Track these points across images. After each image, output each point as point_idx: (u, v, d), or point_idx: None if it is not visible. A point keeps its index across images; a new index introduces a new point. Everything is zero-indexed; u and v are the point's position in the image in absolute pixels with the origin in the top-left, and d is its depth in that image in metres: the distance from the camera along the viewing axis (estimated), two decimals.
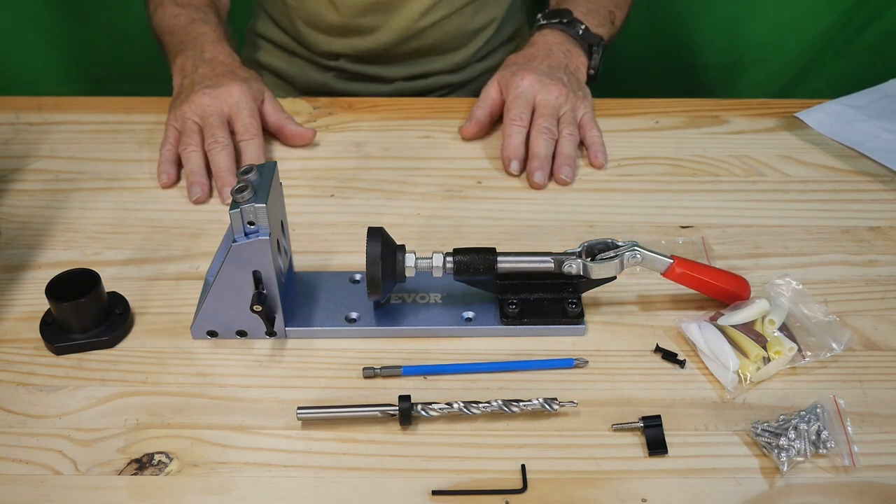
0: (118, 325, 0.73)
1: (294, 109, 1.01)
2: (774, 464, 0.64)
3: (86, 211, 0.87)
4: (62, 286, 0.71)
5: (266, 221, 0.67)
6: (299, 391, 0.70)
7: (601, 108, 1.01)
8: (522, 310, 0.74)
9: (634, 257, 0.72)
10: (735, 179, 0.92)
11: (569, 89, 0.96)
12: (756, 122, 1.01)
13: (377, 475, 0.64)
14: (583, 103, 0.97)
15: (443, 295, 0.77)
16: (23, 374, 0.71)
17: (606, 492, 0.63)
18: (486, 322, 0.75)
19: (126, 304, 0.75)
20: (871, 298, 0.78)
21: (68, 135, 0.96)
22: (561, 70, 0.98)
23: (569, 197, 0.90)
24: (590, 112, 0.98)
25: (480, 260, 0.72)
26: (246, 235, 0.67)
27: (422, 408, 0.66)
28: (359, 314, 0.75)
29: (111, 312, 0.74)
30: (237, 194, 0.66)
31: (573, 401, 0.67)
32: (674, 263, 0.73)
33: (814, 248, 0.84)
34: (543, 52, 1.00)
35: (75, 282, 0.72)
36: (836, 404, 0.67)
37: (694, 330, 0.73)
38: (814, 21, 1.33)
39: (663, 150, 0.97)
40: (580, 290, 0.75)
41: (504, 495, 0.63)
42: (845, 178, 0.93)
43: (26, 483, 0.63)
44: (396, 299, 0.76)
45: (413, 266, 0.72)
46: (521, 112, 0.94)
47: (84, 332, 0.72)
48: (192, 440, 0.66)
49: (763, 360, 0.70)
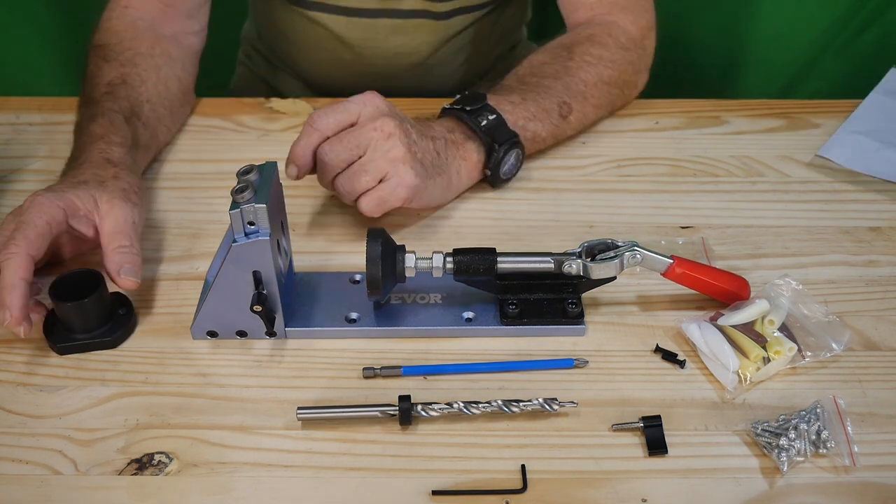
0: (121, 326, 0.73)
1: (294, 110, 1.01)
2: (774, 464, 0.64)
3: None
4: (66, 286, 0.71)
5: (266, 221, 0.67)
6: (299, 391, 0.70)
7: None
8: (522, 310, 0.74)
9: (634, 257, 0.72)
10: (735, 180, 0.92)
11: (407, 139, 0.78)
12: (756, 123, 1.01)
13: (377, 475, 0.64)
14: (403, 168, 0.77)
15: (443, 295, 0.77)
16: (23, 374, 0.71)
17: (606, 492, 0.63)
18: (486, 322, 0.74)
19: (130, 305, 0.75)
20: (871, 298, 0.78)
21: (68, 135, 0.95)
22: (419, 135, 0.80)
23: (569, 197, 0.90)
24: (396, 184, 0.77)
25: (480, 260, 0.72)
26: (246, 235, 0.67)
27: (422, 408, 0.66)
28: (359, 314, 0.75)
29: (115, 312, 0.74)
30: (237, 194, 0.66)
31: (573, 401, 0.67)
32: (674, 263, 0.73)
33: (814, 248, 0.84)
34: (422, 123, 0.84)
35: (79, 282, 0.71)
36: (835, 404, 0.67)
37: (694, 330, 0.73)
38: (814, 21, 1.33)
39: (663, 150, 0.97)
40: (580, 290, 0.75)
41: (504, 495, 0.63)
42: (845, 178, 0.93)
43: (26, 483, 0.63)
44: (396, 299, 0.76)
45: (413, 266, 0.72)
46: (328, 115, 0.78)
47: (87, 332, 0.72)
48: (192, 440, 0.66)
49: (763, 361, 0.70)
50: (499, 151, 0.85)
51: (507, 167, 0.87)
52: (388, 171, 0.77)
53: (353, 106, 0.79)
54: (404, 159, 0.77)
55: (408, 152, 0.77)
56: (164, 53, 0.94)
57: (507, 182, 0.90)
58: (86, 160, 0.81)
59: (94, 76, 0.91)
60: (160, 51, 0.94)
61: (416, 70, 1.12)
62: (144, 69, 0.92)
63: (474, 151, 0.85)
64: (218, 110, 1.01)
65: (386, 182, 0.78)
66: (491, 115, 0.85)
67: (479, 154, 0.86)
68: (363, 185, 0.78)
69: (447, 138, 0.84)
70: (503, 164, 0.87)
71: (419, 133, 0.81)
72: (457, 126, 0.86)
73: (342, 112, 0.78)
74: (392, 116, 0.79)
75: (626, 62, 0.98)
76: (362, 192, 0.78)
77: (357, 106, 0.79)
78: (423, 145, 0.80)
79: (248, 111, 1.01)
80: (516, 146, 0.86)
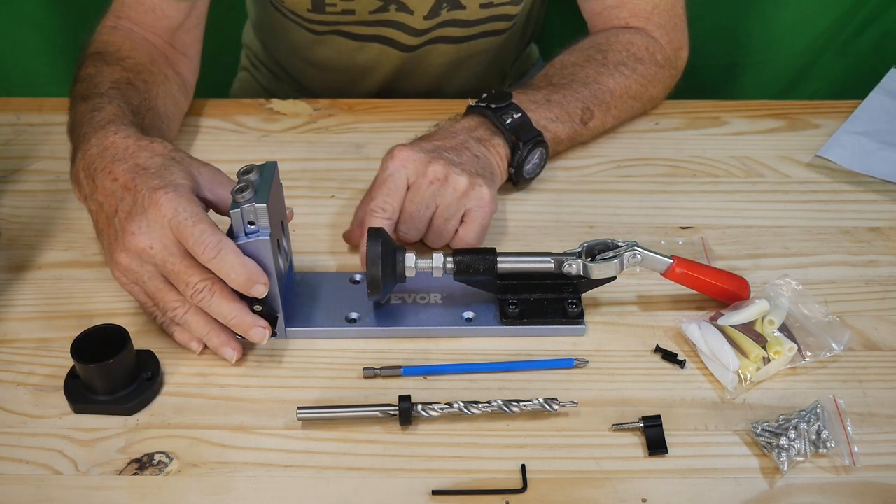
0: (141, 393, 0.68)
1: (294, 111, 1.01)
2: (774, 464, 0.64)
3: (86, 212, 0.87)
4: (89, 342, 0.67)
5: (266, 221, 0.67)
6: (299, 391, 0.70)
7: None
8: (522, 310, 0.74)
9: (634, 257, 0.72)
10: (735, 180, 0.92)
11: (456, 166, 0.78)
12: (756, 124, 1.01)
13: (377, 475, 0.64)
14: (475, 192, 0.77)
15: (443, 295, 0.77)
16: (23, 374, 0.71)
17: (606, 492, 0.63)
18: (486, 322, 0.75)
19: (156, 365, 0.70)
20: (871, 298, 0.78)
21: None
22: (454, 151, 0.80)
23: (569, 197, 0.90)
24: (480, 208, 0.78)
25: (480, 260, 0.72)
26: (246, 235, 0.67)
27: (422, 408, 0.66)
28: (359, 314, 0.75)
29: (138, 375, 0.69)
30: (237, 194, 0.66)
31: (573, 401, 0.67)
32: (674, 263, 0.73)
33: (814, 248, 0.84)
34: (443, 134, 0.83)
35: (103, 338, 0.67)
36: (835, 404, 0.67)
37: (694, 330, 0.73)
38: (814, 21, 1.32)
39: (663, 150, 0.97)
40: (580, 290, 0.75)
41: (504, 495, 0.63)
42: (845, 178, 0.93)
43: (26, 483, 0.63)
44: (396, 299, 0.76)
45: (413, 266, 0.72)
46: (386, 200, 0.76)
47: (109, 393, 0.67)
48: (192, 440, 0.66)
49: (763, 361, 0.70)
50: (523, 149, 0.84)
51: (530, 165, 0.87)
52: (466, 204, 0.77)
53: (397, 178, 0.77)
54: (471, 185, 0.77)
55: (468, 177, 0.77)
56: (161, 72, 0.92)
57: (530, 181, 0.90)
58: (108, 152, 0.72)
59: (95, 76, 0.85)
60: (158, 69, 0.91)
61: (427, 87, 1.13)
62: (146, 79, 0.88)
63: (501, 146, 0.85)
64: (218, 111, 1.01)
65: (472, 212, 0.78)
66: (516, 114, 0.85)
67: (505, 149, 0.85)
68: (452, 229, 0.79)
69: (473, 137, 0.84)
70: (527, 163, 0.86)
71: (454, 151, 0.80)
72: (481, 123, 0.85)
73: (396, 191, 0.76)
74: (432, 159, 0.77)
75: (658, 79, 0.98)
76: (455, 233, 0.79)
77: (400, 175, 0.77)
78: (466, 158, 0.80)
79: (248, 112, 1.01)
80: (540, 145, 0.86)
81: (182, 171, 0.70)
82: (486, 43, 1.08)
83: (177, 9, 0.93)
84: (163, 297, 0.69)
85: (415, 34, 1.04)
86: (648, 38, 0.99)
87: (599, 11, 1.01)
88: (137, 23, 0.93)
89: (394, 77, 1.11)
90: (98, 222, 0.72)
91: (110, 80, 0.84)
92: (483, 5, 1.02)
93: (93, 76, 0.85)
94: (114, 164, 0.70)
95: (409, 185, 0.77)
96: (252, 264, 0.67)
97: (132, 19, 0.93)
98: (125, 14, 0.93)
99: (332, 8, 1.01)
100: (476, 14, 1.03)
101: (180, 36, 0.95)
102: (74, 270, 0.81)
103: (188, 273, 0.66)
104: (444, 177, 0.77)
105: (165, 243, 0.66)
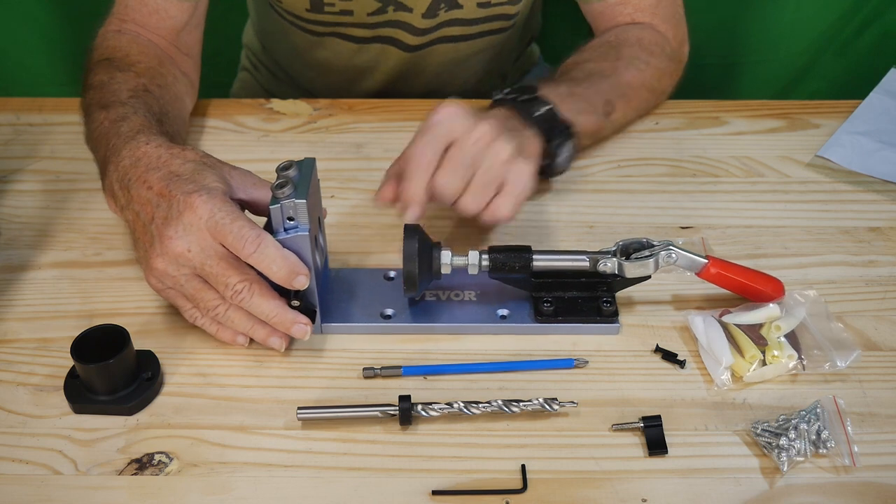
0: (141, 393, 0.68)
1: (294, 111, 1.01)
2: (774, 464, 0.64)
3: (86, 211, 0.87)
4: (89, 342, 0.67)
5: (306, 217, 0.67)
6: (299, 391, 0.70)
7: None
8: (557, 308, 0.74)
9: (669, 257, 0.72)
10: (735, 180, 0.92)
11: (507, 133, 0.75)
12: (756, 123, 1.01)
13: (377, 475, 0.64)
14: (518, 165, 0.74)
15: (477, 293, 0.77)
16: (23, 374, 0.71)
17: (606, 492, 0.63)
18: (520, 320, 0.75)
19: (156, 365, 0.70)
20: (871, 299, 0.78)
21: (69, 136, 0.96)
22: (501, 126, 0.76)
23: (569, 198, 0.90)
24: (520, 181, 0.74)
25: (516, 258, 0.72)
26: (285, 231, 0.68)
27: (422, 408, 0.66)
28: (394, 311, 0.75)
29: (138, 375, 0.69)
30: (277, 190, 0.66)
31: (573, 401, 0.67)
32: (709, 263, 0.73)
33: (814, 248, 0.84)
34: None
35: (103, 339, 0.67)
36: (835, 404, 0.67)
37: (698, 323, 0.73)
38: (814, 21, 1.33)
39: (663, 150, 0.97)
40: (614, 288, 0.75)
41: (504, 495, 0.63)
42: (845, 178, 0.93)
43: (26, 483, 0.63)
44: (431, 296, 0.76)
45: (449, 263, 0.72)
46: (425, 148, 0.72)
47: (109, 393, 0.67)
48: (192, 440, 0.66)
49: (759, 362, 0.70)
50: (556, 141, 0.82)
51: (561, 158, 0.84)
52: (506, 174, 0.73)
53: (442, 129, 0.73)
54: (515, 156, 0.74)
55: (514, 148, 0.74)
56: (171, 74, 0.92)
57: (562, 174, 0.88)
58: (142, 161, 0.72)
59: (109, 84, 0.84)
60: (167, 71, 0.92)
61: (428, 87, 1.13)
62: (160, 84, 0.88)
63: (534, 137, 0.80)
64: (218, 111, 1.01)
65: (510, 183, 0.74)
66: (544, 106, 0.82)
67: (539, 141, 0.81)
68: (488, 197, 0.74)
69: (507, 127, 0.78)
70: (559, 155, 0.83)
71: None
72: (512, 114, 0.81)
73: (438, 140, 0.73)
74: (483, 119, 0.74)
75: (668, 73, 0.99)
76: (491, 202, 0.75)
77: (445, 126, 0.73)
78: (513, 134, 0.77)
79: (248, 112, 1.01)
80: (571, 137, 0.83)
81: (214, 175, 0.70)
82: (486, 42, 1.08)
83: (180, 9, 0.93)
84: (203, 296, 0.69)
85: (418, 33, 1.04)
86: (656, 33, 0.99)
87: (602, 10, 1.01)
88: (142, 25, 0.93)
89: (395, 77, 1.11)
90: (135, 231, 0.72)
91: (127, 88, 0.84)
92: (481, 4, 1.02)
93: (106, 83, 0.85)
94: (148, 174, 0.71)
95: (454, 141, 0.73)
96: (292, 256, 0.67)
97: (136, 22, 0.93)
98: (129, 17, 0.93)
99: (330, 8, 1.01)
100: (474, 13, 1.03)
101: (184, 37, 0.95)
102: (74, 270, 0.81)
103: (227, 274, 0.67)
104: (491, 139, 0.73)
105: (203, 245, 0.67)
